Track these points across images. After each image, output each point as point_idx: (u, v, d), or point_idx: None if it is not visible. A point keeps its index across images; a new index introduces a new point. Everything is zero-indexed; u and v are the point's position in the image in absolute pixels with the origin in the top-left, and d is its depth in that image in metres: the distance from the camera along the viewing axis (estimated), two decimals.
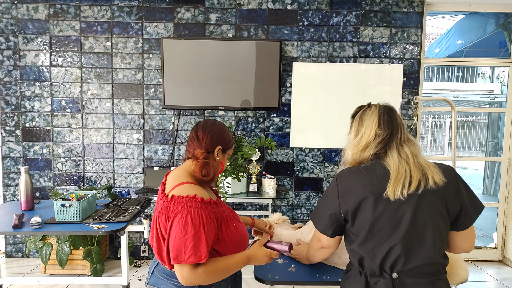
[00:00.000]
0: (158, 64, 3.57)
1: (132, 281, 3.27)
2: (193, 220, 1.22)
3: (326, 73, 3.56)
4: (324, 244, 1.36)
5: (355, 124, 1.34)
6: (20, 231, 2.08)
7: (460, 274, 1.54)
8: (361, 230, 1.23)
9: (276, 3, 3.53)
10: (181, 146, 3.65)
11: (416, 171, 1.21)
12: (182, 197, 1.25)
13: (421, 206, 1.20)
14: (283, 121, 3.63)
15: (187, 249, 1.19)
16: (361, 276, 1.25)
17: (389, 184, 1.19)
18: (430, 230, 1.20)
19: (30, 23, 3.53)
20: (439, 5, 3.64)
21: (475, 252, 3.90)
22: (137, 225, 2.62)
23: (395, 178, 1.19)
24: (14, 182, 3.67)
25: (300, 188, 3.70)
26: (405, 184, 1.18)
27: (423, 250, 1.20)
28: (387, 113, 1.30)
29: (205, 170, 1.36)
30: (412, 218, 1.19)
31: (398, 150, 1.25)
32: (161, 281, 1.35)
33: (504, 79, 8.92)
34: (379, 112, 1.30)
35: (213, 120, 1.48)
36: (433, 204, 1.20)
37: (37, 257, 3.71)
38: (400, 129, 1.29)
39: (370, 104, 1.37)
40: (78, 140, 3.64)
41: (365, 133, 1.28)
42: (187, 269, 1.22)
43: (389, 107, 1.34)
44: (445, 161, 1.38)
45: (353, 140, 1.31)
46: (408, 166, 1.21)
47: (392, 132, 1.27)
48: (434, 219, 1.21)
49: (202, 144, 1.41)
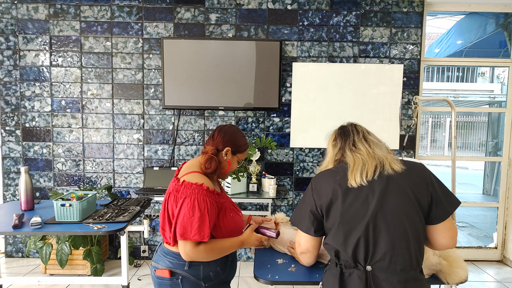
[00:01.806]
0: (158, 64, 3.57)
1: (132, 281, 3.27)
2: (200, 205, 1.42)
3: (326, 73, 3.56)
4: (303, 248, 1.46)
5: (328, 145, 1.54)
6: (20, 231, 2.08)
7: (459, 273, 1.54)
8: (333, 222, 1.32)
9: (276, 3, 3.53)
10: (181, 146, 3.65)
11: (371, 160, 1.34)
12: (191, 184, 1.46)
13: (387, 195, 1.27)
14: (283, 121, 3.63)
15: (193, 229, 1.40)
16: (336, 267, 1.32)
17: (349, 173, 1.33)
18: (399, 220, 1.25)
19: (30, 23, 3.53)
20: (439, 5, 3.64)
21: (475, 252, 3.90)
22: (137, 225, 2.62)
23: (352, 168, 1.33)
24: (14, 182, 3.67)
25: (300, 188, 3.70)
26: (363, 172, 1.31)
27: (392, 238, 1.24)
28: (341, 128, 1.51)
29: (209, 163, 1.56)
30: (377, 206, 1.26)
31: (351, 149, 1.41)
32: (160, 258, 1.58)
33: (504, 79, 8.91)
34: (336, 131, 1.52)
35: (232, 125, 1.70)
36: (402, 193, 1.27)
37: (37, 257, 3.71)
38: (352, 134, 1.45)
39: (340, 126, 1.55)
40: (78, 140, 3.64)
41: (329, 152, 1.50)
42: (190, 246, 1.43)
43: (351, 124, 1.53)
44: (445, 161, 1.39)
45: (327, 157, 1.51)
46: (362, 157, 1.35)
47: (346, 140, 1.44)
48: (404, 209, 1.26)
49: (214, 142, 1.62)
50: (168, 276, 1.53)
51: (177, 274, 1.53)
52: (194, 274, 1.53)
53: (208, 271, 1.55)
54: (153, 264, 1.61)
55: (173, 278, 1.53)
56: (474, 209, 6.48)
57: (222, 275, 1.60)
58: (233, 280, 2.35)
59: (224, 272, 1.61)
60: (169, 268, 1.53)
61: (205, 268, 1.54)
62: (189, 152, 3.65)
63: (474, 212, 6.36)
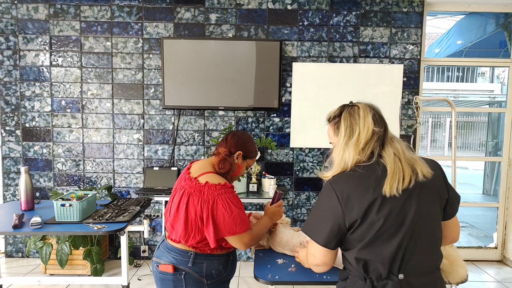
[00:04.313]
0: (158, 64, 3.57)
1: (132, 281, 3.27)
2: (233, 202, 1.52)
3: (326, 73, 3.56)
4: (318, 261, 1.28)
5: (345, 123, 1.28)
6: (20, 231, 2.08)
7: (460, 272, 1.54)
8: (366, 234, 1.18)
9: (276, 3, 3.53)
10: (181, 146, 3.65)
11: (407, 166, 1.21)
12: (215, 185, 1.52)
13: (422, 200, 1.20)
14: (283, 121, 3.63)
15: (236, 223, 1.50)
16: (365, 282, 1.20)
17: (386, 181, 1.17)
18: (431, 223, 1.22)
19: (30, 23, 3.53)
20: (439, 5, 3.64)
21: (475, 252, 3.90)
22: (137, 225, 2.62)
23: (392, 175, 1.18)
24: (14, 182, 3.67)
25: (300, 188, 3.70)
26: (400, 180, 1.17)
27: (427, 244, 1.21)
28: (376, 111, 1.30)
29: (222, 164, 1.63)
30: (415, 215, 1.18)
31: (391, 146, 1.25)
32: (163, 253, 1.61)
33: (504, 79, 8.91)
34: (370, 110, 1.28)
35: (245, 132, 1.80)
36: (432, 197, 1.22)
37: (37, 257, 3.71)
38: (388, 126, 1.30)
39: (354, 103, 1.33)
40: (78, 140, 3.64)
41: (363, 131, 1.24)
42: (241, 237, 1.53)
43: (374, 106, 1.33)
44: (445, 161, 1.39)
45: (350, 140, 1.25)
46: (400, 162, 1.21)
47: (386, 129, 1.27)
48: (434, 212, 1.23)
49: (228, 145, 1.69)
50: (171, 272, 1.56)
51: (180, 270, 1.56)
52: (197, 271, 1.56)
53: (211, 269, 1.58)
54: (155, 259, 1.63)
55: (176, 274, 1.56)
56: (474, 209, 6.47)
57: (223, 273, 1.62)
58: (233, 280, 2.35)
59: (226, 270, 1.63)
60: (172, 264, 1.56)
61: (208, 266, 1.57)
62: (189, 152, 3.65)
63: (474, 212, 6.36)
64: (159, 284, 1.63)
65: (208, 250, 1.57)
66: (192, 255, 1.56)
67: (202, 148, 3.65)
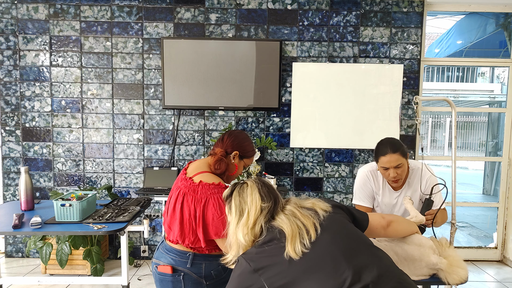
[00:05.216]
0: (158, 64, 3.57)
1: (132, 281, 3.27)
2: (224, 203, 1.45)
3: (326, 73, 3.56)
4: None
5: (234, 204, 1.28)
6: (20, 231, 2.07)
7: (460, 273, 1.54)
8: None
9: (276, 3, 3.53)
10: (181, 146, 3.65)
11: (306, 219, 1.21)
12: (209, 184, 1.52)
13: (334, 227, 1.23)
14: (283, 121, 3.63)
15: (225, 226, 1.40)
16: None
17: (287, 243, 1.15)
18: (356, 235, 1.27)
19: (30, 23, 3.53)
20: (439, 5, 3.64)
21: (475, 252, 3.90)
22: (137, 225, 2.62)
23: (291, 237, 1.16)
24: (14, 182, 3.67)
25: (300, 188, 3.70)
26: (304, 237, 1.16)
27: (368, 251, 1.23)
28: (264, 185, 1.31)
29: (218, 164, 1.62)
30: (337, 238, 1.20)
31: (284, 213, 1.25)
32: (162, 254, 1.61)
33: (504, 79, 8.92)
34: (257, 186, 1.29)
35: (242, 131, 1.77)
36: (343, 219, 1.30)
37: (37, 257, 3.71)
38: (279, 195, 1.32)
39: (244, 182, 1.35)
40: (78, 140, 3.64)
41: (251, 210, 1.25)
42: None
43: (262, 180, 1.34)
44: (445, 161, 1.39)
45: (241, 221, 1.25)
46: (299, 220, 1.20)
47: (276, 201, 1.28)
48: (351, 227, 1.29)
49: (224, 145, 1.68)
50: (170, 273, 1.56)
51: (179, 271, 1.56)
52: (196, 271, 1.56)
53: (210, 270, 1.57)
54: (155, 261, 1.63)
55: (175, 275, 1.56)
56: (474, 209, 6.48)
57: (223, 274, 1.62)
58: None
59: (226, 271, 1.62)
60: (171, 265, 1.56)
61: (207, 267, 1.57)
62: (189, 152, 3.65)
63: (474, 212, 6.36)
64: (158, 285, 1.63)
65: (206, 251, 1.57)
66: (190, 256, 1.56)
67: (202, 148, 3.65)
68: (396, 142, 2.01)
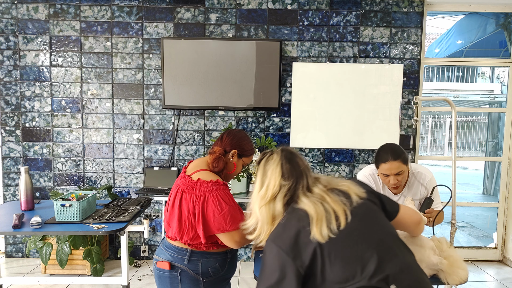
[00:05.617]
0: (158, 64, 3.57)
1: (132, 281, 3.27)
2: (224, 199, 1.52)
3: (326, 73, 3.56)
4: None
5: (259, 172, 1.28)
6: (20, 231, 2.08)
7: (460, 273, 1.54)
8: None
9: (276, 3, 3.53)
10: (181, 146, 3.65)
11: (337, 205, 1.17)
12: (207, 182, 1.54)
13: (368, 215, 1.22)
14: (283, 121, 3.63)
15: (227, 221, 1.49)
16: None
17: (311, 226, 1.12)
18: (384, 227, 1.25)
19: (30, 23, 3.53)
20: (439, 5, 3.64)
21: (475, 252, 3.90)
22: (137, 225, 2.62)
23: (316, 220, 1.13)
24: (14, 182, 3.67)
25: None
26: (332, 222, 1.13)
27: (398, 245, 1.22)
28: (289, 162, 1.26)
29: (216, 163, 1.63)
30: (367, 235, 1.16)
31: (308, 195, 1.21)
32: (162, 251, 1.65)
33: (504, 79, 8.92)
34: (280, 161, 1.26)
35: (241, 130, 1.80)
36: (376, 209, 1.26)
37: (37, 257, 3.71)
38: (305, 173, 1.26)
39: (273, 151, 1.33)
40: (78, 140, 3.64)
41: (270, 184, 1.23)
42: (238, 234, 1.51)
43: (290, 152, 1.30)
44: (445, 161, 1.39)
45: (258, 193, 1.24)
46: (328, 204, 1.17)
47: (297, 181, 1.23)
48: (381, 219, 1.26)
49: (222, 144, 1.70)
50: (168, 269, 1.59)
51: (176, 267, 1.58)
52: (193, 268, 1.57)
53: (207, 267, 1.59)
54: (155, 257, 1.67)
55: (172, 271, 1.59)
56: (474, 209, 6.48)
57: (221, 272, 1.62)
58: (233, 280, 2.35)
59: (223, 269, 1.63)
60: (169, 261, 1.59)
61: (204, 264, 1.58)
62: (189, 152, 3.65)
63: (474, 212, 6.36)
64: (157, 281, 1.66)
65: (204, 248, 1.58)
66: (188, 252, 1.57)
67: (202, 148, 3.65)
68: (397, 148, 1.97)
